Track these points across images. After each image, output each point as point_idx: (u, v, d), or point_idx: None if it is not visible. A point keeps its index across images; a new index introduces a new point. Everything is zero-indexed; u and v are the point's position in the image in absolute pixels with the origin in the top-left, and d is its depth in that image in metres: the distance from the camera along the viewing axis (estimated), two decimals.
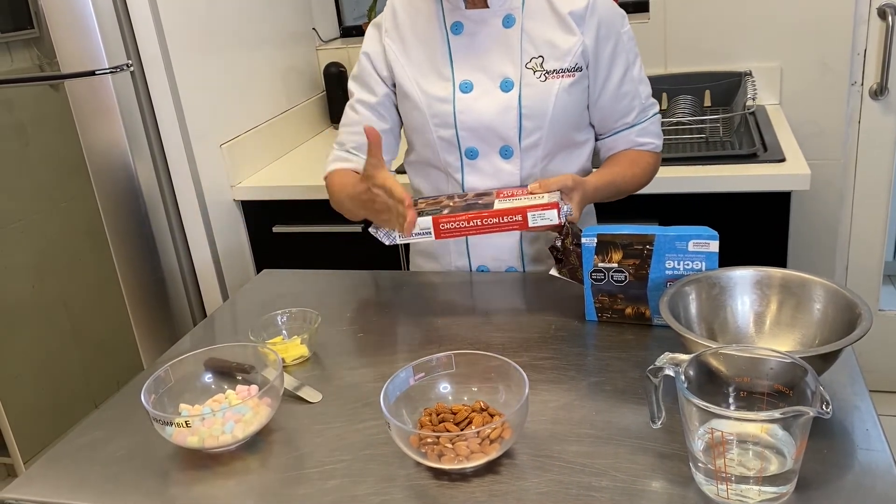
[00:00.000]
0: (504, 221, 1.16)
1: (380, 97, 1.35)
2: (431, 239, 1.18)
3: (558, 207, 1.14)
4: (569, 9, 1.25)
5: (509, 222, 1.15)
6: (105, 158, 1.79)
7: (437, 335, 1.18)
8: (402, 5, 1.34)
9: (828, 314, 0.96)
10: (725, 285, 1.03)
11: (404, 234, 1.16)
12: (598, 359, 1.07)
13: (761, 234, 1.74)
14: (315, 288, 1.43)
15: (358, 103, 1.36)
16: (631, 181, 1.34)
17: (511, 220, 1.15)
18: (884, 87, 2.06)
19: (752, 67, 2.10)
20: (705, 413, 0.75)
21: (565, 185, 1.18)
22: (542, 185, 1.18)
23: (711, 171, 1.72)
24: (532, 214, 1.14)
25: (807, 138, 2.08)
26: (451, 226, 1.17)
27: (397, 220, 1.14)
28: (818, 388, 0.74)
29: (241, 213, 2.08)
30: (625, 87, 1.31)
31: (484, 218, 1.16)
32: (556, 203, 1.14)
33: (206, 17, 1.94)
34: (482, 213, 1.16)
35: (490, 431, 0.85)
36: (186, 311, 1.96)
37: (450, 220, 1.17)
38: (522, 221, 1.15)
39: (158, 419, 0.93)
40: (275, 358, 1.01)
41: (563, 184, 1.18)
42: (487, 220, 1.16)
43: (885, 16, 2.00)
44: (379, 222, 1.22)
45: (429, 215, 1.18)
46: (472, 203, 1.21)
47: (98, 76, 1.72)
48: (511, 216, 1.15)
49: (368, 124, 1.32)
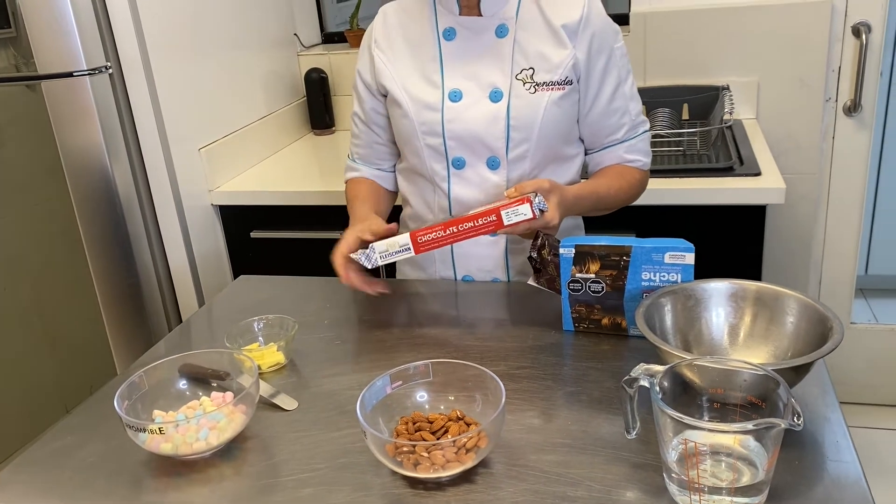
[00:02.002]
0: (480, 224, 1.16)
1: (367, 112, 1.40)
2: (412, 254, 1.18)
3: (529, 201, 1.14)
4: (562, 22, 1.26)
5: (485, 223, 1.16)
6: (81, 160, 1.78)
7: (415, 343, 1.18)
8: (393, 10, 1.35)
9: (800, 327, 0.98)
10: (701, 297, 1.04)
11: (385, 254, 1.18)
12: (574, 368, 1.08)
13: (737, 247, 1.76)
14: (292, 294, 1.42)
15: (355, 116, 1.44)
16: (616, 195, 1.34)
17: (486, 220, 1.15)
18: (857, 103, 2.10)
19: (730, 82, 2.13)
20: (679, 424, 0.76)
21: (541, 188, 1.17)
22: (517, 188, 1.18)
23: (688, 183, 1.74)
24: (505, 212, 1.15)
25: (782, 152, 2.11)
26: (429, 237, 1.17)
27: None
28: (790, 400, 0.75)
29: (219, 217, 2.06)
30: (615, 103, 1.31)
31: (460, 223, 1.16)
32: (526, 198, 1.15)
33: (187, 21, 1.93)
34: (457, 219, 1.17)
35: (466, 440, 0.85)
36: (162, 316, 1.94)
37: (426, 231, 1.17)
38: (497, 221, 1.15)
39: (132, 425, 0.92)
40: (251, 365, 1.00)
41: (539, 186, 1.17)
42: (463, 226, 1.16)
43: (859, 34, 2.04)
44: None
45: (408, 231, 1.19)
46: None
47: (76, 77, 1.70)
48: (485, 217, 1.15)
49: (364, 137, 1.43)
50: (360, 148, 1.44)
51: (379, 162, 1.44)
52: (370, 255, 1.20)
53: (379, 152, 1.43)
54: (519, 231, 1.17)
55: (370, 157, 1.44)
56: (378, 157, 1.44)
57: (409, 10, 1.33)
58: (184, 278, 1.95)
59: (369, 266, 1.21)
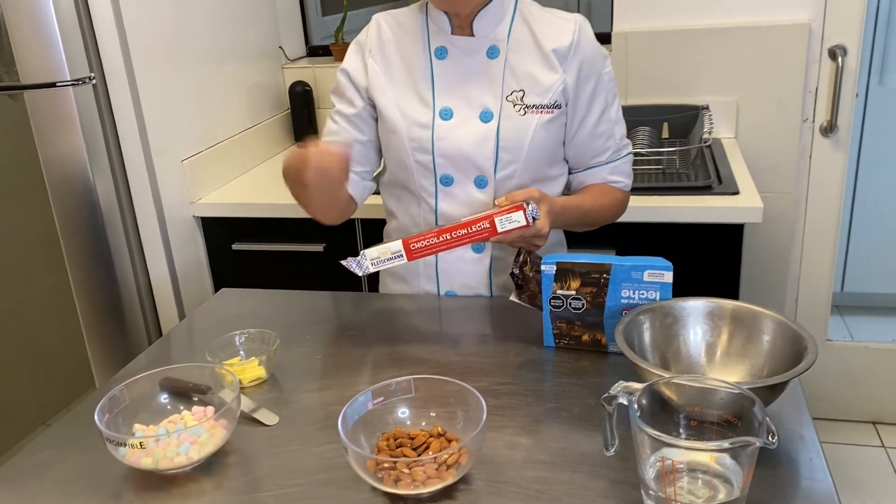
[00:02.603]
0: (473, 231, 1.16)
1: (358, 109, 1.35)
2: (404, 261, 1.17)
3: (523, 209, 1.15)
4: (553, 46, 1.27)
5: (479, 230, 1.16)
6: (63, 171, 1.77)
7: (398, 358, 1.19)
8: (387, 22, 1.35)
9: (776, 346, 1.00)
10: (679, 315, 1.06)
11: (377, 260, 1.17)
12: (555, 385, 1.09)
13: (715, 265, 1.79)
14: (274, 308, 1.42)
15: (336, 114, 1.38)
16: (599, 211, 1.36)
17: (480, 227, 1.16)
18: (833, 124, 2.14)
19: (710, 101, 2.16)
20: (657, 442, 0.77)
21: (531, 197, 1.18)
22: (508, 198, 1.19)
23: (668, 201, 1.76)
24: (499, 219, 1.15)
25: (760, 172, 2.14)
26: (422, 244, 1.17)
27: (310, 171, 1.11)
28: (765, 419, 0.77)
29: (201, 229, 2.06)
30: (601, 127, 1.33)
31: (453, 230, 1.16)
32: (520, 205, 1.16)
33: (172, 32, 1.93)
34: (451, 226, 1.16)
35: (447, 457, 0.85)
36: (142, 328, 1.93)
37: (419, 238, 1.17)
38: (491, 228, 1.15)
39: (112, 440, 0.91)
40: (232, 379, 1.01)
41: (530, 195, 1.19)
42: (456, 232, 1.16)
43: (836, 57, 2.08)
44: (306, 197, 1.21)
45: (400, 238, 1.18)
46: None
47: (59, 88, 1.70)
48: (479, 224, 1.15)
49: (346, 136, 1.36)
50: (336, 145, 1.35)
51: (354, 164, 1.35)
52: (361, 261, 1.18)
53: (358, 152, 1.36)
54: (510, 239, 1.17)
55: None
56: (357, 157, 1.36)
57: (403, 24, 1.34)
58: (164, 290, 1.94)
59: (360, 273, 1.19)
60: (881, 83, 2.65)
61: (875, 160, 2.72)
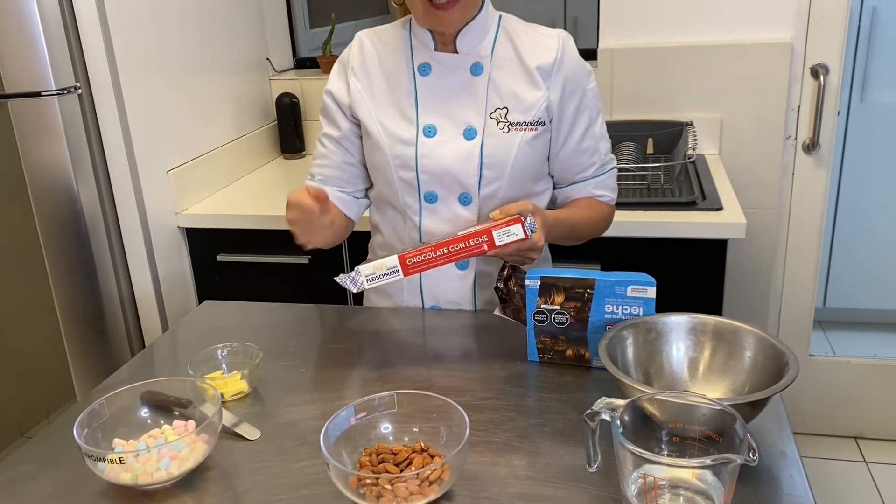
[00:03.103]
0: (471, 245, 1.15)
1: (343, 131, 1.35)
2: (400, 277, 1.16)
3: (521, 222, 1.15)
4: (536, 63, 1.28)
5: (476, 244, 1.15)
6: (47, 180, 1.76)
7: (381, 373, 1.18)
8: (370, 40, 1.35)
9: (758, 362, 1.00)
10: (662, 331, 1.07)
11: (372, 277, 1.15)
12: (538, 400, 1.09)
13: (698, 280, 1.80)
14: (258, 321, 1.42)
15: (324, 137, 1.38)
16: (587, 224, 1.36)
17: (478, 241, 1.15)
18: (815, 142, 2.17)
19: (694, 118, 2.18)
20: (639, 458, 0.77)
21: (525, 209, 1.18)
22: (502, 210, 1.19)
23: (652, 216, 1.77)
24: (497, 233, 1.15)
25: (743, 188, 2.16)
26: (418, 259, 1.15)
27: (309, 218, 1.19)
28: (746, 435, 0.77)
29: (185, 240, 2.05)
30: (586, 143, 1.34)
31: (450, 245, 1.15)
32: (517, 218, 1.15)
33: (159, 42, 1.93)
34: (448, 240, 1.15)
35: (430, 473, 0.85)
36: (124, 340, 1.91)
37: (415, 253, 1.15)
38: (489, 241, 1.15)
39: (91, 454, 0.90)
40: (213, 393, 1.00)
41: (524, 207, 1.18)
42: (454, 247, 1.15)
43: (818, 75, 2.11)
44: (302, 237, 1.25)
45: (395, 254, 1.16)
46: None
47: (44, 97, 1.69)
48: (476, 238, 1.15)
49: (335, 158, 1.37)
50: (327, 168, 1.37)
51: (346, 185, 1.38)
52: (356, 278, 1.16)
53: (349, 173, 1.38)
54: (507, 252, 1.17)
55: (338, 178, 1.38)
56: (348, 178, 1.38)
57: (386, 42, 1.34)
58: (148, 302, 1.93)
59: (354, 290, 1.17)
60: (862, 101, 2.68)
61: (856, 177, 2.75)
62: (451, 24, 1.24)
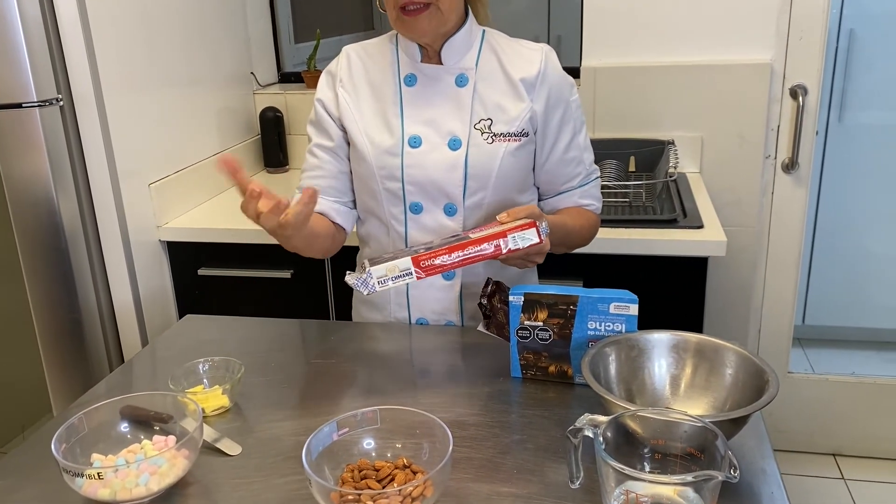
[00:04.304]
0: (486, 248, 1.14)
1: (336, 140, 1.35)
2: (414, 280, 1.13)
3: (536, 226, 1.15)
4: (520, 75, 1.30)
5: (493, 248, 1.14)
6: (26, 191, 1.74)
7: (364, 388, 1.18)
8: (356, 53, 1.36)
9: (739, 379, 1.01)
10: (644, 348, 1.07)
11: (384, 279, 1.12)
12: (521, 416, 1.09)
13: (680, 297, 1.81)
14: (239, 335, 1.41)
15: (316, 147, 1.37)
16: (579, 231, 1.38)
17: (494, 244, 1.14)
18: (795, 161, 2.20)
19: (675, 137, 2.20)
20: (621, 475, 0.77)
21: (532, 213, 1.19)
22: (510, 214, 1.19)
23: (634, 234, 1.79)
24: (513, 236, 1.14)
25: (724, 206, 2.19)
26: (433, 262, 1.13)
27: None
28: (727, 452, 0.78)
29: (166, 254, 2.04)
30: (571, 153, 1.35)
31: (465, 248, 1.14)
32: (532, 222, 1.16)
33: (142, 55, 1.93)
34: (463, 243, 1.14)
35: (412, 489, 0.85)
36: (103, 354, 1.89)
37: (430, 256, 1.13)
38: (505, 244, 1.14)
39: (69, 470, 0.89)
40: (194, 408, 0.99)
41: (531, 211, 1.19)
42: (469, 249, 1.14)
43: (796, 96, 2.14)
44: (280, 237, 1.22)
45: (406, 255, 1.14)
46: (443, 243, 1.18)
47: (25, 109, 1.67)
48: (493, 241, 1.14)
49: (330, 168, 1.36)
50: (322, 179, 1.36)
51: (341, 195, 1.38)
52: (367, 280, 1.12)
53: (344, 183, 1.37)
54: (517, 256, 1.17)
55: (333, 188, 1.36)
56: (343, 188, 1.37)
57: (372, 54, 1.35)
58: (127, 316, 1.91)
59: (365, 292, 1.13)
60: (840, 121, 2.73)
61: (835, 196, 2.79)
62: (421, 31, 1.25)
